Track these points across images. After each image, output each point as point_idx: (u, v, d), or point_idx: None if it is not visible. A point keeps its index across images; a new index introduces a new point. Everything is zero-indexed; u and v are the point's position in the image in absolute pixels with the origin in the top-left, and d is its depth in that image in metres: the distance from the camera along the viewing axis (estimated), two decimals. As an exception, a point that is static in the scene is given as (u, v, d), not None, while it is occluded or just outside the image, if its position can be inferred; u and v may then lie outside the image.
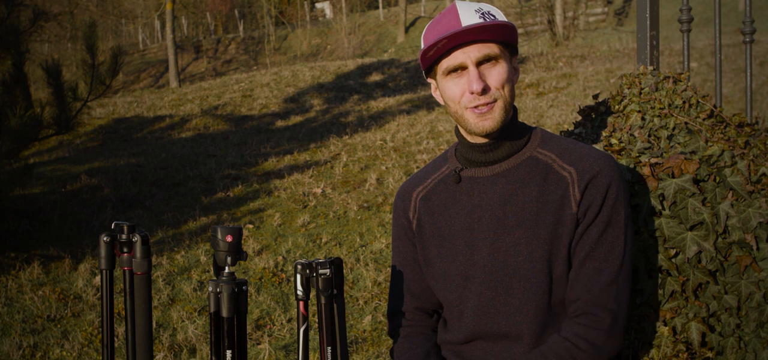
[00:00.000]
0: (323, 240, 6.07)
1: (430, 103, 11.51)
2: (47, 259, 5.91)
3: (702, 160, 1.75)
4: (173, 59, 19.26)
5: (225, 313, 1.64)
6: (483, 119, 1.63)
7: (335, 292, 1.75)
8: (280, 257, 5.75)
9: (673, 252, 1.70)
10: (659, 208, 1.73)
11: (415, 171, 1.99)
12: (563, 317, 1.65)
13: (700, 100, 1.90)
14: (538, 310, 1.62)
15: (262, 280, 5.37)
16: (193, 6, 33.46)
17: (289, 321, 4.78)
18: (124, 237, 1.88)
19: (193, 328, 4.65)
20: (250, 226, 6.45)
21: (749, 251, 1.67)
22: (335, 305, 1.75)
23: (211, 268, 5.02)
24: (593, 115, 2.04)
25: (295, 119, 11.68)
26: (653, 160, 1.75)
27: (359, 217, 6.51)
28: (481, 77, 1.61)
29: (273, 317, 4.85)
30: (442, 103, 1.72)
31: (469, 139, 1.71)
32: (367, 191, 7.16)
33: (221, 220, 6.65)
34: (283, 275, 5.48)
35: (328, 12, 34.68)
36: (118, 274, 2.01)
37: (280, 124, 11.40)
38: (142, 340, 1.84)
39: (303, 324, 1.73)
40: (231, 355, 1.64)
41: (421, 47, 1.65)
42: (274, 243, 6.09)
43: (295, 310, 4.52)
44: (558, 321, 1.64)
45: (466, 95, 1.63)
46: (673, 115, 1.87)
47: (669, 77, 1.98)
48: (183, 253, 5.92)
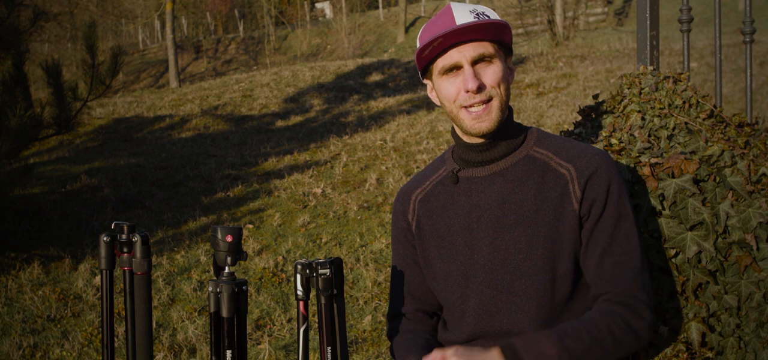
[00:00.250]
0: (323, 240, 6.07)
1: (430, 103, 11.51)
2: (47, 259, 5.91)
3: (702, 160, 1.75)
4: (173, 59, 19.26)
5: (225, 313, 1.64)
6: (479, 121, 1.63)
7: (335, 292, 1.75)
8: (280, 257, 5.75)
9: (673, 252, 1.70)
10: (659, 208, 1.73)
11: (415, 171, 1.99)
12: (565, 315, 1.64)
13: (700, 100, 1.90)
14: (540, 307, 1.62)
15: (262, 280, 5.37)
16: (193, 6, 33.46)
17: (289, 321, 4.78)
18: (124, 237, 1.88)
19: (193, 328, 4.66)
20: (250, 226, 6.45)
21: (749, 251, 1.67)
22: (335, 305, 1.75)
23: (211, 268, 5.02)
24: (593, 115, 2.04)
25: (295, 119, 11.68)
26: (653, 160, 1.75)
27: (359, 217, 6.51)
28: (477, 76, 1.61)
29: (273, 317, 4.85)
30: (438, 103, 1.73)
31: (465, 139, 1.72)
32: (367, 191, 7.16)
33: (221, 220, 6.65)
34: (283, 275, 5.48)
35: (328, 12, 34.68)
36: (118, 274, 2.01)
37: (280, 124, 11.40)
38: (142, 340, 1.84)
39: (303, 324, 1.73)
40: (231, 355, 1.64)
41: (417, 48, 1.66)
42: (274, 243, 6.09)
43: (295, 310, 4.52)
44: (560, 319, 1.63)
45: (462, 94, 1.63)
46: (673, 115, 1.87)
47: (669, 77, 1.98)
48: (183, 253, 5.92)
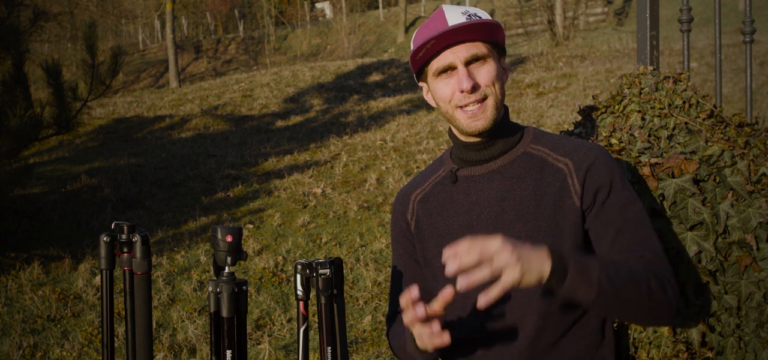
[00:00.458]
0: (323, 240, 6.07)
1: (430, 104, 11.51)
2: (47, 259, 5.90)
3: (702, 160, 1.75)
4: (173, 59, 19.26)
5: (225, 313, 1.64)
6: (475, 120, 1.65)
7: (335, 292, 1.75)
8: (280, 257, 5.75)
9: (673, 252, 1.70)
10: (659, 208, 1.73)
11: (415, 171, 2.00)
12: (566, 311, 1.64)
13: (700, 100, 1.90)
14: (541, 303, 1.62)
15: (262, 280, 5.37)
16: (193, 6, 33.46)
17: (289, 321, 4.78)
18: (124, 237, 1.88)
19: (193, 328, 4.66)
20: (250, 226, 6.45)
21: (749, 251, 1.67)
22: (335, 305, 1.75)
23: (211, 268, 5.02)
24: (593, 115, 2.04)
25: (295, 119, 11.68)
26: (653, 160, 1.75)
27: (359, 217, 6.51)
28: (471, 76, 1.63)
29: (273, 317, 4.85)
30: (434, 105, 1.74)
31: (462, 138, 1.73)
32: (367, 191, 7.16)
33: (221, 220, 6.65)
34: (283, 275, 5.48)
35: (328, 12, 34.68)
36: (118, 274, 2.01)
37: (280, 124, 11.40)
38: (142, 340, 1.84)
39: (303, 324, 1.73)
40: (231, 355, 1.64)
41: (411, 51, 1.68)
42: (274, 243, 6.09)
43: (295, 310, 4.52)
44: (561, 314, 1.63)
45: (457, 94, 1.65)
46: (673, 115, 1.87)
47: (669, 77, 1.98)
48: (183, 253, 5.92)
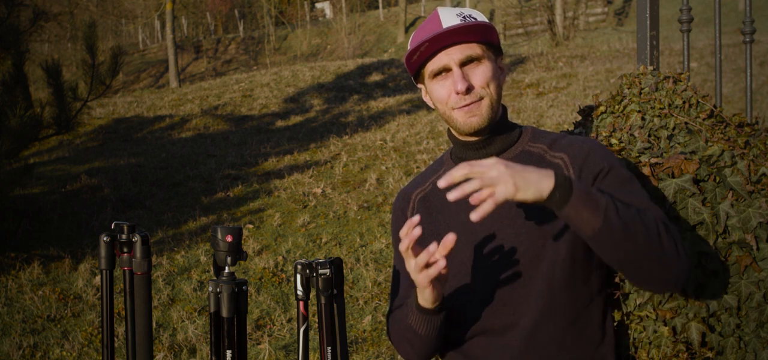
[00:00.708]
0: (323, 240, 6.07)
1: (430, 103, 11.52)
2: (47, 259, 5.90)
3: (702, 160, 1.75)
4: (173, 59, 19.26)
5: (225, 313, 1.64)
6: (470, 116, 1.66)
7: (335, 292, 1.75)
8: (280, 257, 5.75)
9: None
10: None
11: (415, 171, 2.00)
12: (566, 305, 1.64)
13: (700, 100, 1.90)
14: (540, 296, 1.62)
15: (262, 280, 5.37)
16: (193, 6, 33.46)
17: (289, 321, 4.78)
18: (124, 237, 1.89)
19: (193, 328, 4.66)
20: (250, 226, 6.45)
21: (749, 251, 1.67)
22: (335, 305, 1.75)
23: (211, 268, 5.02)
24: (593, 115, 2.04)
25: (295, 119, 11.68)
26: (653, 160, 1.75)
27: (359, 217, 6.51)
28: (465, 77, 1.63)
29: (273, 317, 4.85)
30: (432, 106, 1.75)
31: (460, 138, 1.74)
32: (367, 191, 7.16)
33: (221, 220, 6.65)
34: (283, 275, 5.48)
35: (328, 12, 34.68)
36: (118, 274, 2.01)
37: (280, 124, 11.40)
38: (142, 340, 1.84)
39: (303, 324, 1.73)
40: (231, 355, 1.64)
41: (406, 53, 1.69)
42: (274, 243, 6.09)
43: (295, 310, 4.52)
44: (560, 307, 1.64)
45: (452, 96, 1.66)
46: (673, 115, 1.87)
47: (669, 77, 1.98)
48: (183, 253, 5.92)
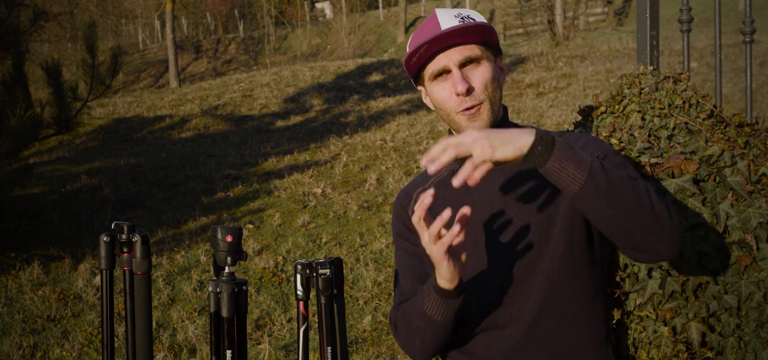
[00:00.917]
0: (323, 240, 6.07)
1: (430, 103, 11.52)
2: (47, 259, 5.90)
3: (702, 160, 1.75)
4: (173, 59, 19.26)
5: (225, 313, 1.64)
6: (472, 120, 1.66)
7: (335, 292, 1.75)
8: (280, 257, 5.75)
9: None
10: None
11: (415, 172, 1.99)
12: (565, 300, 1.64)
13: (700, 100, 1.90)
14: (541, 291, 1.63)
15: (262, 280, 5.37)
16: (193, 6, 33.46)
17: (289, 321, 4.78)
18: (124, 237, 1.89)
19: (193, 328, 4.66)
20: (250, 226, 6.45)
21: (749, 251, 1.67)
22: (335, 305, 1.75)
23: (211, 268, 5.02)
24: (593, 115, 2.04)
25: (295, 119, 11.68)
26: (653, 160, 1.75)
27: (359, 217, 6.51)
28: (465, 78, 1.64)
29: (273, 317, 4.85)
30: (433, 107, 1.75)
31: None
32: (367, 191, 7.16)
33: (221, 220, 6.65)
34: (283, 275, 5.48)
35: (328, 12, 34.68)
36: (118, 274, 2.01)
37: (280, 124, 11.40)
38: (142, 340, 1.84)
39: (303, 324, 1.73)
40: (231, 355, 1.64)
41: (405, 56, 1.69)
42: (274, 243, 6.09)
43: (295, 310, 4.52)
44: (560, 302, 1.64)
45: (453, 97, 1.66)
46: (673, 115, 1.87)
47: (669, 77, 1.98)
48: (183, 253, 5.92)
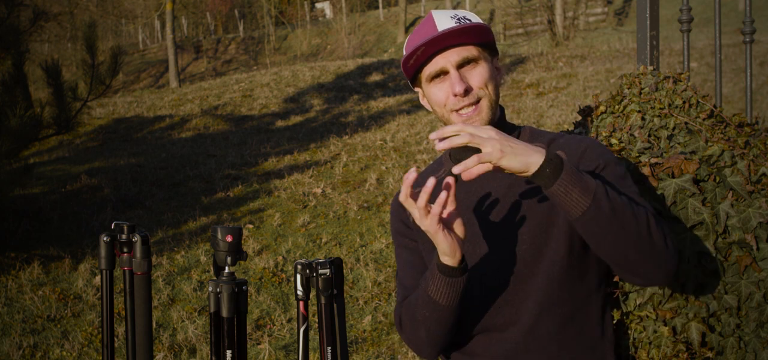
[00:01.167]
0: (323, 240, 6.07)
1: (430, 103, 11.52)
2: (47, 259, 5.90)
3: (702, 160, 1.75)
4: (173, 59, 19.26)
5: (225, 313, 1.64)
6: (471, 121, 1.65)
7: (335, 292, 1.75)
8: (280, 257, 5.75)
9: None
10: (659, 208, 1.73)
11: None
12: (564, 302, 1.64)
13: (700, 100, 1.90)
14: (540, 292, 1.63)
15: (262, 280, 5.37)
16: (193, 6, 33.46)
17: (289, 321, 4.78)
18: (124, 237, 1.89)
19: (193, 328, 4.66)
20: (250, 226, 6.45)
21: (749, 251, 1.67)
22: (335, 305, 1.75)
23: (211, 268, 5.02)
24: (593, 116, 2.04)
25: (295, 119, 11.68)
26: (653, 160, 1.75)
27: (359, 217, 6.51)
28: (463, 79, 1.63)
29: (273, 317, 4.85)
30: (430, 109, 1.75)
31: None
32: (367, 191, 7.16)
33: (221, 220, 6.65)
34: (283, 275, 5.48)
35: (328, 12, 34.68)
36: (118, 274, 2.01)
37: (280, 124, 11.40)
38: (142, 340, 1.84)
39: (303, 324, 1.73)
40: (231, 355, 1.64)
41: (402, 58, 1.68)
42: (274, 243, 6.09)
43: (295, 310, 4.52)
44: (558, 305, 1.64)
45: (451, 98, 1.66)
46: (673, 115, 1.87)
47: (669, 77, 1.98)
48: (183, 253, 5.92)
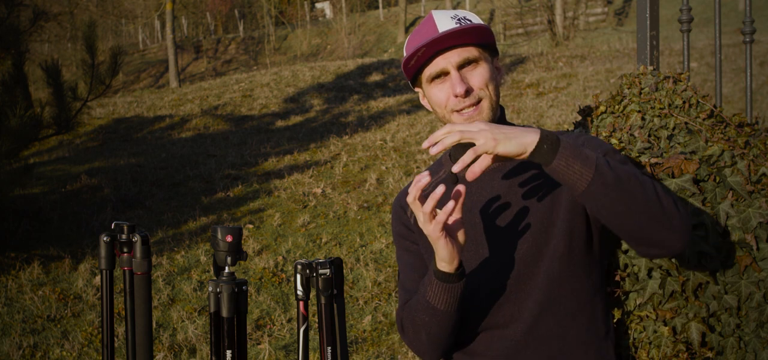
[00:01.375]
0: (323, 240, 6.07)
1: (430, 103, 11.52)
2: (47, 259, 5.90)
3: (702, 160, 1.75)
4: (173, 59, 19.26)
5: (225, 313, 1.64)
6: (471, 120, 1.65)
7: (335, 292, 1.75)
8: (280, 257, 5.75)
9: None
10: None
11: (416, 172, 1.98)
12: (565, 298, 1.64)
13: (700, 100, 1.90)
14: (541, 290, 1.63)
15: (262, 280, 5.37)
16: (193, 6, 33.46)
17: (289, 321, 4.78)
18: (124, 237, 1.89)
19: (193, 328, 4.66)
20: (250, 226, 6.45)
21: (749, 251, 1.67)
22: (335, 305, 1.75)
23: (211, 268, 5.02)
24: (593, 116, 2.04)
25: (295, 119, 11.68)
26: (653, 160, 1.75)
27: (359, 217, 6.51)
28: (464, 80, 1.64)
29: (273, 317, 4.85)
30: (431, 110, 1.75)
31: None
32: (367, 191, 7.16)
33: (221, 220, 6.65)
34: (283, 275, 5.48)
35: (328, 12, 34.68)
36: (118, 274, 2.01)
37: (280, 124, 11.40)
38: (142, 340, 1.84)
39: (303, 324, 1.73)
40: (231, 355, 1.64)
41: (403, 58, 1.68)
42: (274, 243, 6.09)
43: (295, 310, 4.52)
44: (560, 302, 1.64)
45: (451, 99, 1.66)
46: (673, 115, 1.87)
47: (669, 77, 1.98)
48: (183, 253, 5.92)
